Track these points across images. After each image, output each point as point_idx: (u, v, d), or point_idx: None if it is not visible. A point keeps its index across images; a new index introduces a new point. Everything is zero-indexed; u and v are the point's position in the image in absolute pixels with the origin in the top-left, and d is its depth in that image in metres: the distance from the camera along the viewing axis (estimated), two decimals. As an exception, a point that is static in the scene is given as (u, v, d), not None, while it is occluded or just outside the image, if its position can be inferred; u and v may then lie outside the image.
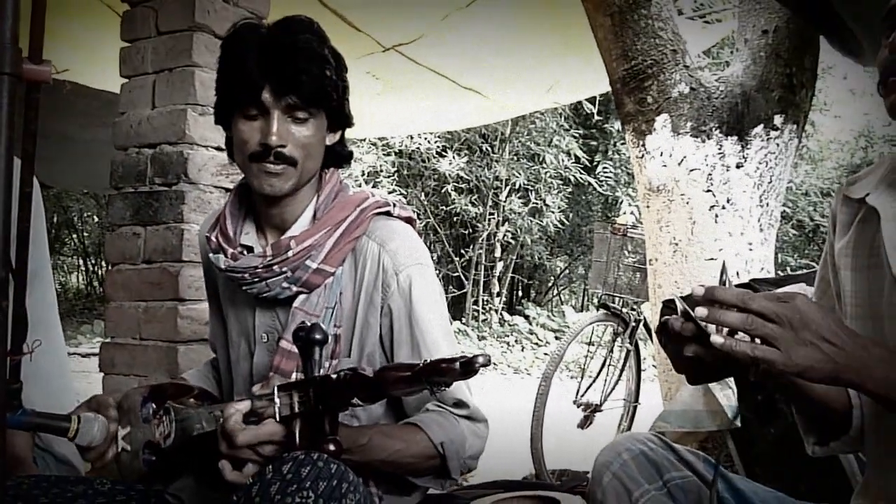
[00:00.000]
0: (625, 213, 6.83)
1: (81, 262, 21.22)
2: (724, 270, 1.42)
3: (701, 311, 1.33)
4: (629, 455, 1.71)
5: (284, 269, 1.98)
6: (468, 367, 1.47)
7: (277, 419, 1.71)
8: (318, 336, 1.74)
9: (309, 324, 1.79)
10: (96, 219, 20.37)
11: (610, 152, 15.57)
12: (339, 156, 2.13)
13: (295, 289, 2.01)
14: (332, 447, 1.63)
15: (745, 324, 1.31)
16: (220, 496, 1.78)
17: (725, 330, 1.33)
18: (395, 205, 2.14)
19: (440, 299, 2.10)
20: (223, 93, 2.02)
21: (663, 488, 1.69)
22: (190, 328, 3.46)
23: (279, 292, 2.02)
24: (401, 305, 2.02)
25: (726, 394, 3.36)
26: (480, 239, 15.02)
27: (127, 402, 1.96)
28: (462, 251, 15.33)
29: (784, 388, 1.65)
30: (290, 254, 1.97)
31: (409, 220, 2.16)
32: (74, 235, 21.04)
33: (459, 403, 2.01)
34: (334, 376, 1.65)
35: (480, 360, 1.46)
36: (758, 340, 1.31)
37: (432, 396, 1.82)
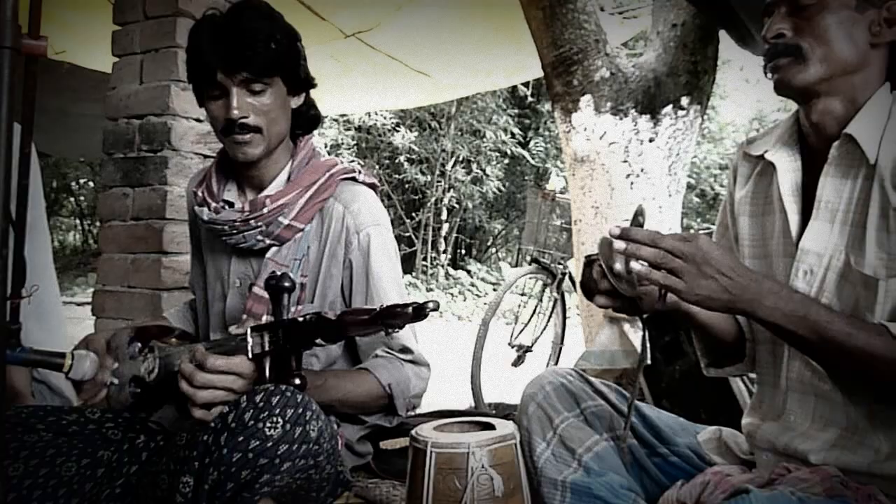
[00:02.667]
0: (553, 181, 6.83)
1: (78, 222, 20.88)
2: (639, 212, 1.44)
3: (619, 245, 1.38)
4: (551, 387, 1.73)
5: (259, 223, 1.99)
6: (420, 312, 1.49)
7: (250, 356, 1.71)
8: (286, 284, 1.74)
9: (279, 273, 1.78)
10: (91, 184, 20.02)
11: (541, 129, 15.62)
12: (307, 117, 2.11)
13: (268, 241, 2.02)
14: (297, 381, 1.65)
15: (657, 258, 1.36)
16: (195, 423, 1.77)
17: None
18: (360, 171, 2.14)
19: (394, 256, 2.11)
20: (191, 81, 2.01)
21: (580, 415, 1.71)
22: (172, 278, 3.44)
23: (253, 244, 2.02)
24: (359, 260, 2.03)
25: (638, 336, 3.40)
26: (429, 204, 15.00)
27: (115, 341, 1.96)
28: (412, 214, 15.30)
29: (686, 321, 1.69)
30: (265, 210, 1.97)
31: (371, 186, 2.16)
32: (72, 199, 20.70)
33: (405, 349, 2.03)
34: (301, 319, 1.66)
35: (430, 305, 1.49)
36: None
37: (387, 337, 1.82)
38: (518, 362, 5.65)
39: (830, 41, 1.50)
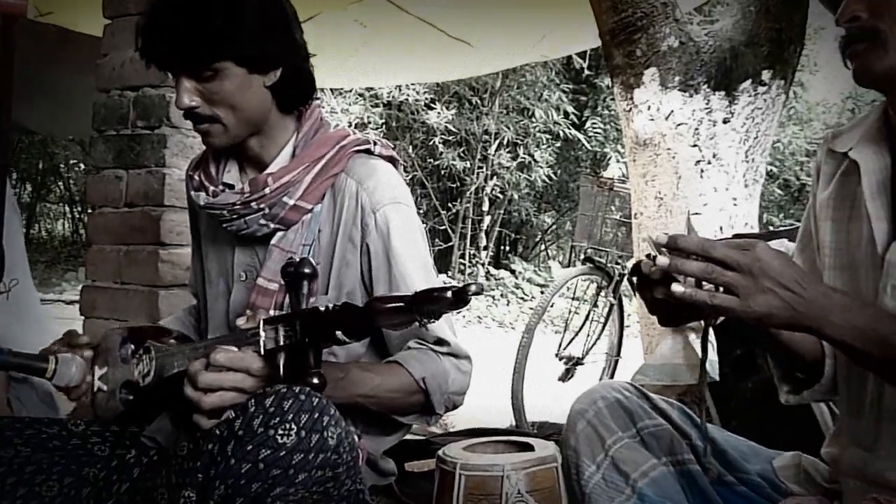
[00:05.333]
0: (612, 168, 6.81)
1: (67, 208, 21.04)
2: (689, 221, 1.44)
3: (662, 261, 1.36)
4: (604, 403, 1.72)
5: (262, 205, 1.98)
6: (461, 296, 1.49)
7: (262, 352, 1.72)
8: (306, 270, 1.74)
9: (298, 259, 1.80)
10: (82, 166, 20.16)
11: (599, 107, 15.50)
12: (291, 93, 2.07)
13: (272, 226, 2.02)
14: (315, 380, 1.65)
15: (705, 272, 1.33)
16: (195, 437, 1.78)
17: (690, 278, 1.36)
18: (375, 143, 2.12)
19: (420, 237, 2.10)
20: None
21: (636, 436, 1.70)
22: (171, 273, 3.46)
23: (256, 229, 2.02)
24: (378, 244, 2.02)
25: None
26: (468, 193, 14.95)
27: (105, 342, 1.98)
28: (449, 205, 15.26)
29: (758, 337, 1.67)
30: (267, 190, 1.97)
31: (390, 159, 2.15)
32: (60, 182, 20.87)
33: (440, 341, 2.02)
34: (323, 309, 1.66)
35: (473, 288, 1.48)
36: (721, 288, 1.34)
37: (421, 327, 1.81)
38: (566, 376, 5.65)
39: None
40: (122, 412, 1.90)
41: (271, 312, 1.91)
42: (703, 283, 1.36)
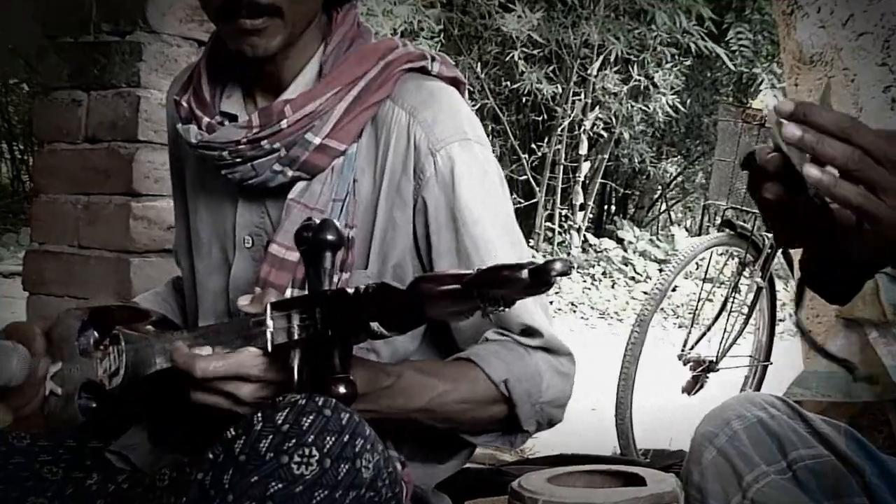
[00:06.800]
0: (764, 97, 6.77)
1: (5, 146, 21.23)
2: (827, 91, 1.38)
3: (792, 131, 1.30)
4: (741, 424, 1.72)
5: (276, 144, 1.97)
6: (540, 277, 1.41)
7: (269, 348, 1.71)
8: (329, 237, 1.71)
9: (317, 220, 1.76)
10: (26, 87, 20.33)
11: (747, 10, 15.37)
12: None
13: (291, 173, 2.01)
14: (342, 389, 1.62)
15: (850, 160, 1.28)
16: (180, 457, 1.82)
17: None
18: (433, 59, 2.11)
19: (500, 188, 2.09)
20: None
21: (787, 471, 1.71)
22: (147, 234, 3.48)
23: (269, 178, 2.01)
24: (440, 199, 2.00)
25: (892, 350, 3.35)
26: (560, 129, 14.90)
27: (59, 329, 1.98)
28: (533, 146, 15.19)
29: None
30: (284, 124, 1.96)
31: (453, 81, 2.14)
32: (-5, 111, 21.08)
33: (529, 331, 1.99)
34: (351, 290, 1.64)
35: (557, 266, 1.41)
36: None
37: (485, 318, 1.78)
38: (693, 387, 5.64)
39: None
40: (81, 423, 1.92)
41: (288, 293, 1.92)
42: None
